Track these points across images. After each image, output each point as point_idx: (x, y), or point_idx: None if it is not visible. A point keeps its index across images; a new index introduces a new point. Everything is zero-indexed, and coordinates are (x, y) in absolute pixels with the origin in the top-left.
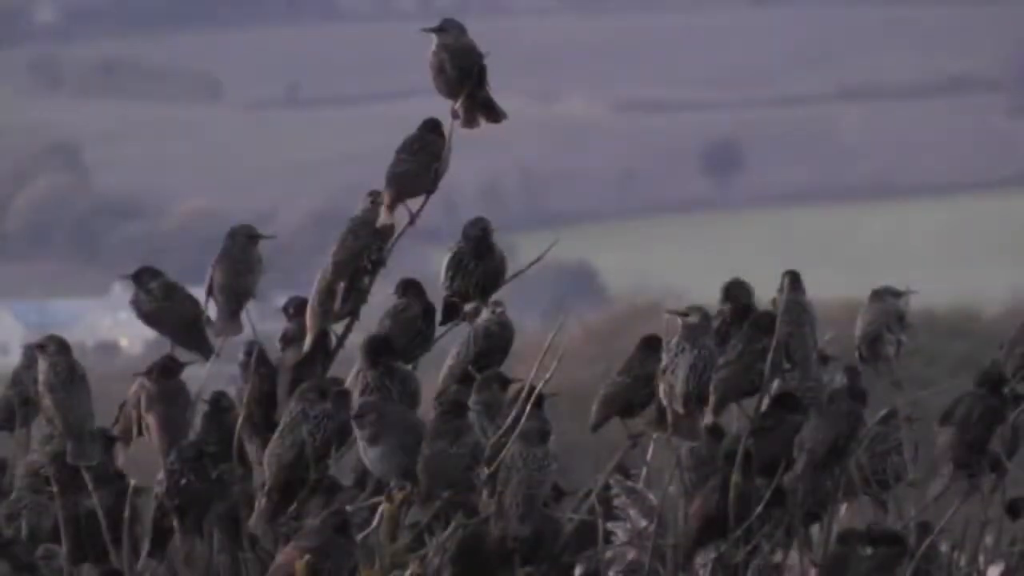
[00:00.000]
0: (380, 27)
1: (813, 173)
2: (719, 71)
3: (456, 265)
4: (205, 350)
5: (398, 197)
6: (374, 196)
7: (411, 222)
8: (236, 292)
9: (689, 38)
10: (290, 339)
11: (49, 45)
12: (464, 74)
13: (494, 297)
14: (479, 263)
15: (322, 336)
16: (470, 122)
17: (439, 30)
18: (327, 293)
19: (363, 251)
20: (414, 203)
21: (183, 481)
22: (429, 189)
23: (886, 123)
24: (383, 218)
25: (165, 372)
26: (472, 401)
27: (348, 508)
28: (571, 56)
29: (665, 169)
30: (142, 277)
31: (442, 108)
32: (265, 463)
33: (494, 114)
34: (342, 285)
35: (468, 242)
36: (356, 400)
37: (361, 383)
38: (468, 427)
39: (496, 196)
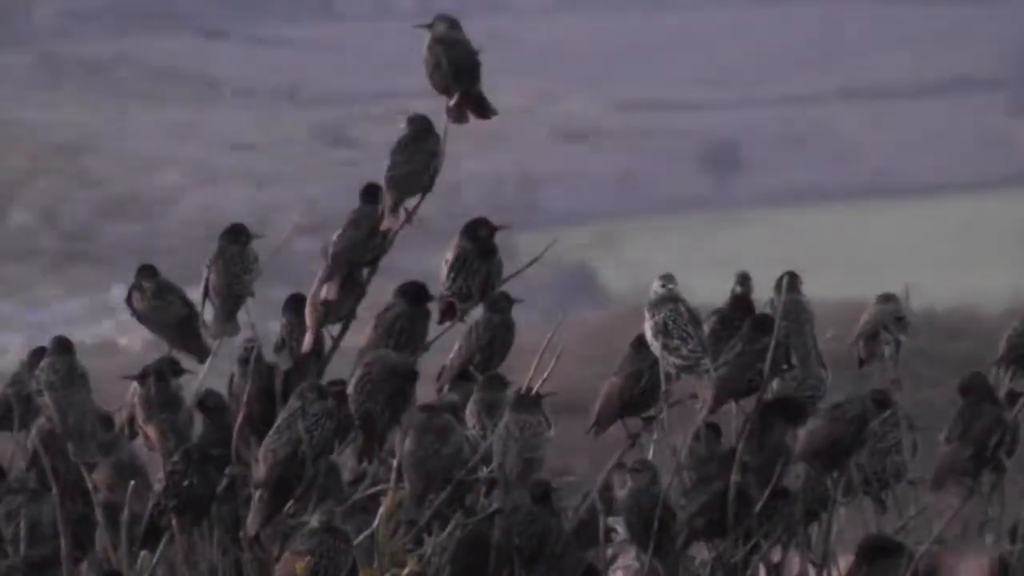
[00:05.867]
0: (380, 27)
1: (813, 173)
2: (719, 71)
3: (460, 264)
4: (200, 351)
5: (399, 199)
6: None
7: (407, 220)
8: (232, 294)
9: (689, 38)
10: (281, 342)
11: (49, 45)
12: (459, 69)
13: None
14: (483, 263)
15: (320, 336)
16: (460, 118)
17: (430, 26)
18: (327, 284)
19: (364, 242)
20: (410, 202)
21: (185, 483)
22: (426, 187)
23: (886, 123)
24: (387, 222)
25: (162, 376)
26: (473, 400)
27: (338, 509)
28: (571, 56)
29: (665, 169)
30: (139, 276)
31: (441, 106)
32: (260, 458)
33: (484, 110)
34: (339, 280)
35: (474, 242)
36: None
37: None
38: (453, 426)
39: (496, 196)
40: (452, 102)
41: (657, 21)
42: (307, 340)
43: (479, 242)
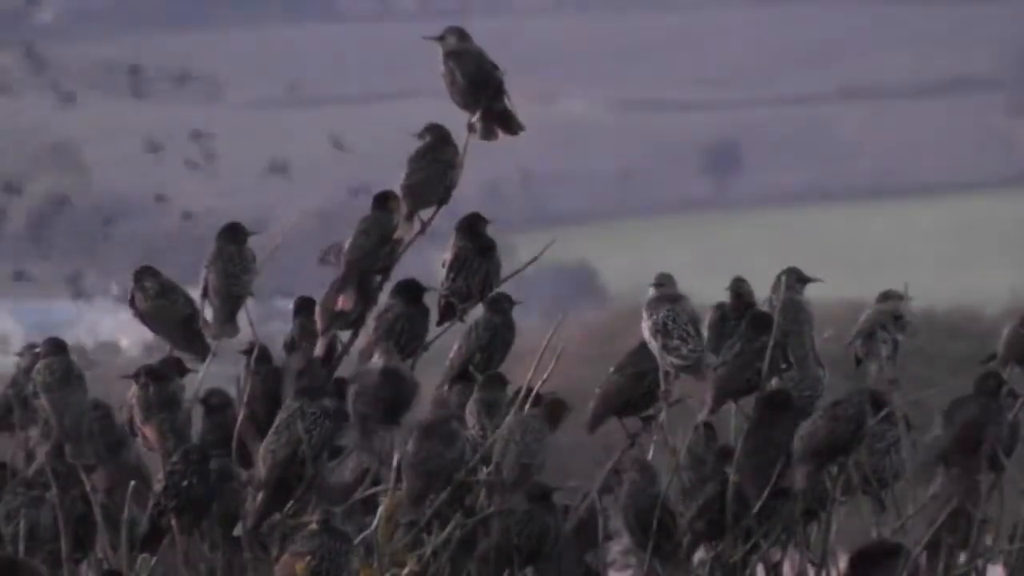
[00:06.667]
0: (380, 27)
1: (813, 173)
2: (719, 71)
3: (461, 264)
4: (201, 351)
5: (414, 207)
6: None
7: (422, 231)
8: (231, 294)
9: (689, 38)
10: (291, 344)
11: (49, 45)
12: (474, 84)
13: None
14: (483, 261)
15: (333, 339)
16: (487, 134)
17: (441, 38)
18: (342, 293)
19: (375, 250)
20: (424, 212)
21: (185, 483)
22: (442, 198)
23: (886, 123)
24: (401, 229)
25: (161, 376)
26: (473, 399)
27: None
28: (571, 56)
29: (665, 169)
30: (140, 276)
31: (444, 107)
32: (260, 459)
33: (510, 126)
34: (354, 289)
35: (472, 240)
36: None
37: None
38: (458, 432)
39: (496, 196)
40: (474, 118)
41: (657, 21)
42: (319, 345)
43: (478, 239)
